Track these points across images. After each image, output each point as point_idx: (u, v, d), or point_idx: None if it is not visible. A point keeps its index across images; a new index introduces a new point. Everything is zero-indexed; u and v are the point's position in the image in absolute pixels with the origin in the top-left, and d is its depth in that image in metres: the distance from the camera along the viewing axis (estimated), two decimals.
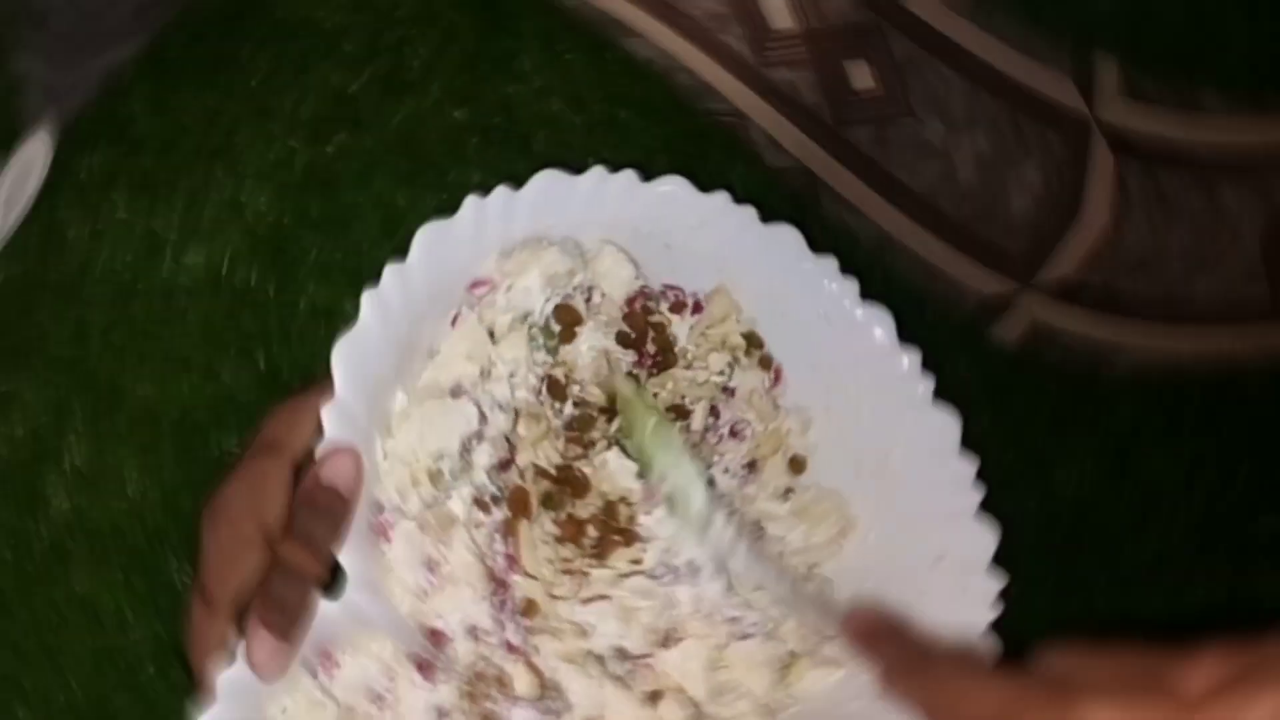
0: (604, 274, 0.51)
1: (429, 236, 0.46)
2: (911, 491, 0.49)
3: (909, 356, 0.49)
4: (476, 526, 0.45)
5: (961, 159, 0.71)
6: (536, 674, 0.44)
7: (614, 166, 0.50)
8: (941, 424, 0.48)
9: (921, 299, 0.75)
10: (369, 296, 0.45)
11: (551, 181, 0.49)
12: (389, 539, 0.43)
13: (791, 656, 0.48)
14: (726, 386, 0.52)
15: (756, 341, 0.52)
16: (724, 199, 0.50)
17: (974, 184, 0.72)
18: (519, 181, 0.47)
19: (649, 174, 0.50)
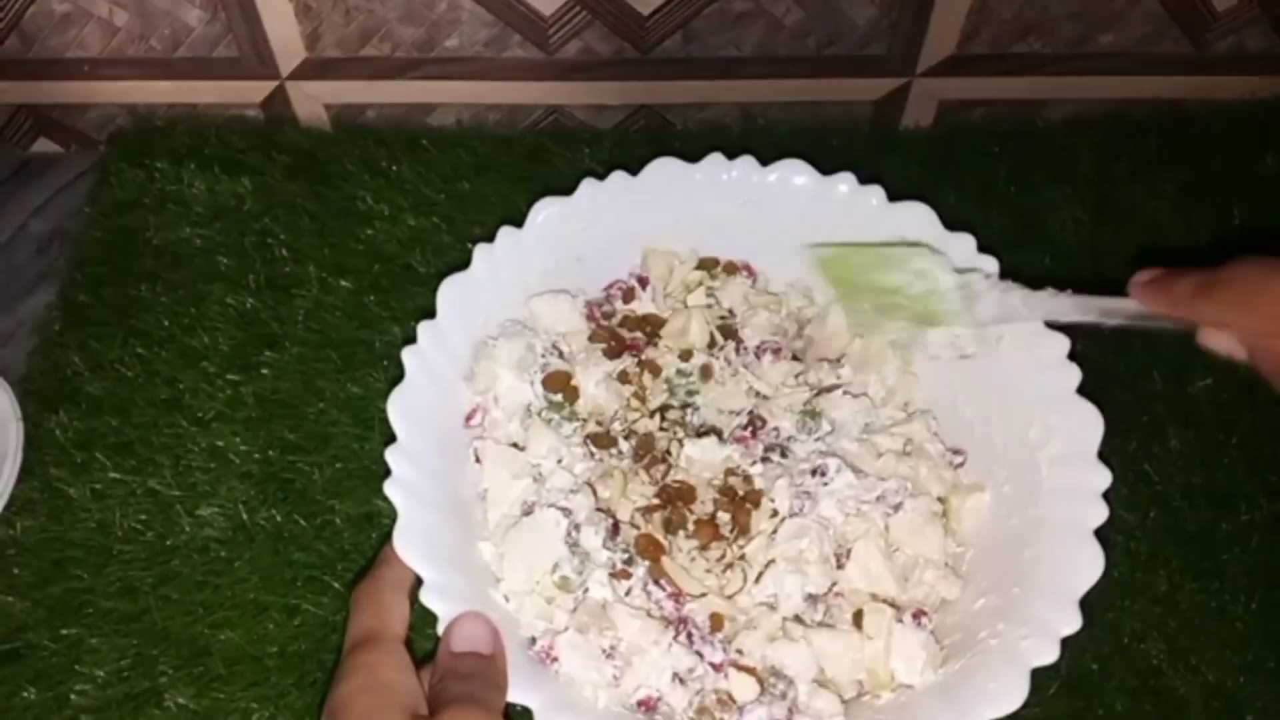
0: (551, 322, 0.53)
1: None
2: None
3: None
4: (627, 594, 0.46)
5: (781, 8, 0.71)
6: (751, 673, 0.45)
7: (489, 232, 0.51)
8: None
9: (819, 132, 0.76)
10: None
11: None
12: (556, 659, 0.44)
13: (942, 503, 0.49)
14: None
15: None
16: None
17: (805, 20, 0.72)
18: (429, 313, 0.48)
19: (521, 218, 0.52)
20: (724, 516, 0.48)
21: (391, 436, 0.44)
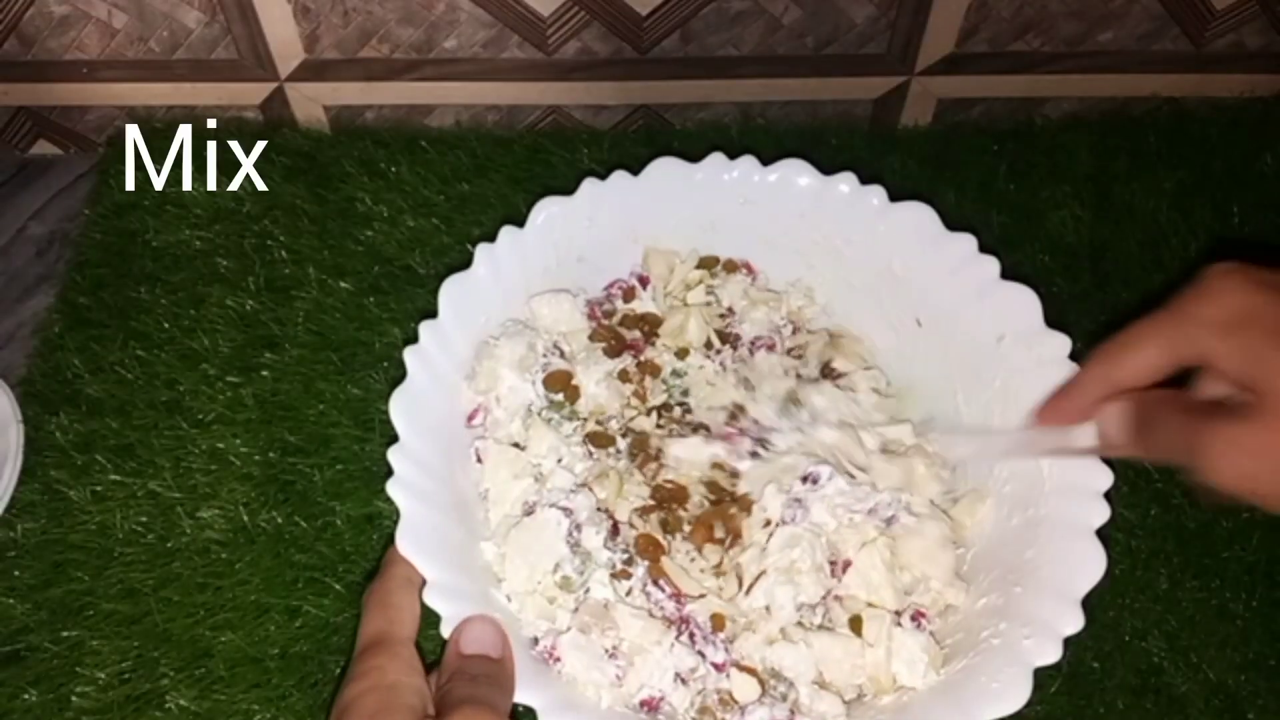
0: (552, 321, 0.53)
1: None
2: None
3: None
4: (628, 594, 0.46)
5: (779, 7, 0.71)
6: (752, 674, 0.45)
7: (489, 232, 0.51)
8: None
9: (818, 131, 0.76)
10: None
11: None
12: (558, 659, 0.44)
13: (951, 502, 0.49)
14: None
15: None
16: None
17: (804, 19, 0.72)
18: (430, 312, 0.48)
19: (521, 219, 0.51)
20: (717, 521, 0.48)
21: (393, 437, 0.44)
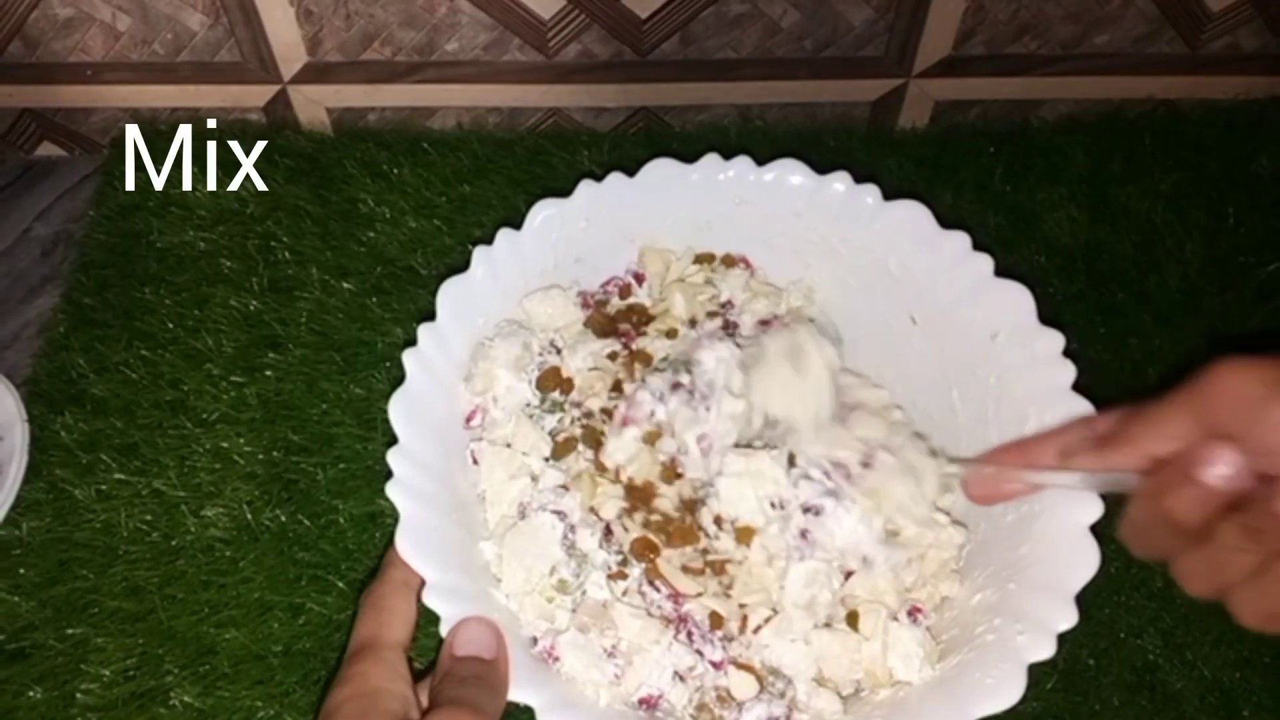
0: (547, 319, 0.53)
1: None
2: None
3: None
4: (624, 594, 0.46)
5: (778, 10, 0.71)
6: (750, 670, 0.45)
7: (490, 233, 0.52)
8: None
9: (816, 132, 0.77)
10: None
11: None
12: (557, 659, 0.44)
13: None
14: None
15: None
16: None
17: (802, 22, 0.72)
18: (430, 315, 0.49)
19: (522, 220, 0.52)
20: (688, 519, 0.48)
21: (394, 437, 0.45)
